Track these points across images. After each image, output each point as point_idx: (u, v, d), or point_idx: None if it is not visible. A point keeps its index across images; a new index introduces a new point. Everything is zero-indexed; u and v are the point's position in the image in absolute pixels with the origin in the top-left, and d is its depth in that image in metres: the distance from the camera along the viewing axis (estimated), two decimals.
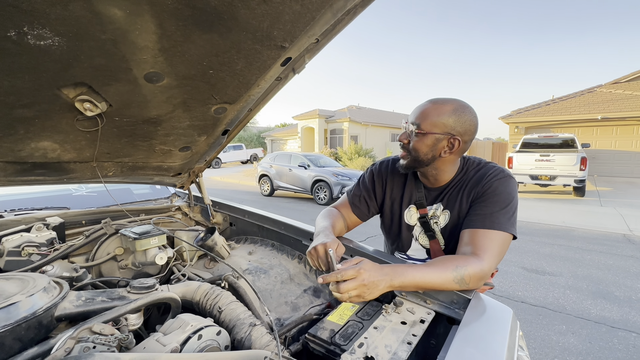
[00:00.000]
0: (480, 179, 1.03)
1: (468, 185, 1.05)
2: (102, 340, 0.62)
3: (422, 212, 1.13)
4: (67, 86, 0.81)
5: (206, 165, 1.62)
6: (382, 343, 0.72)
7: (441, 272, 0.85)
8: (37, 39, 0.65)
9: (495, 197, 0.98)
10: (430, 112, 0.99)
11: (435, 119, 0.98)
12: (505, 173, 1.03)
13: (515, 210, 0.99)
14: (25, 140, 0.94)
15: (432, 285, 0.84)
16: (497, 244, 0.92)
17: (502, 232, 0.93)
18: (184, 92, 0.96)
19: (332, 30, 0.92)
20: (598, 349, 2.41)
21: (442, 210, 1.10)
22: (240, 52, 0.84)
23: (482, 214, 0.97)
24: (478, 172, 1.06)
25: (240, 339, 0.80)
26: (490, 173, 1.03)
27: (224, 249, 1.36)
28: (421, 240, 1.17)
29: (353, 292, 0.75)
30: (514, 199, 0.99)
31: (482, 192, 1.01)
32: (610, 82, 14.35)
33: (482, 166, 1.08)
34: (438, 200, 1.11)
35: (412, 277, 0.82)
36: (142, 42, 0.74)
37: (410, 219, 1.17)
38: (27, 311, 0.69)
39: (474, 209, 1.00)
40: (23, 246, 1.06)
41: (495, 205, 0.97)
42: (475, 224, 0.96)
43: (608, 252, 4.55)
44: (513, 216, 0.97)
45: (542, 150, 9.07)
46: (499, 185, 1.00)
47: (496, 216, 0.95)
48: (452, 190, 1.09)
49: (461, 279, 0.85)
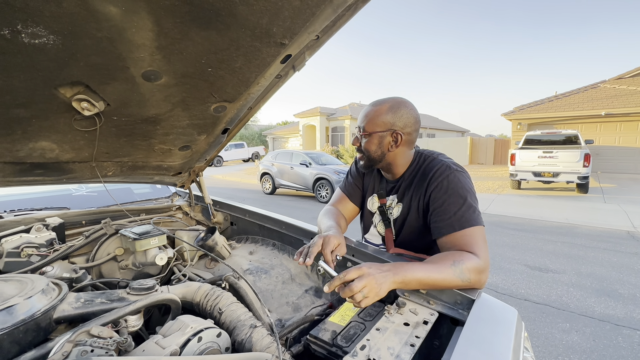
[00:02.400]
0: (427, 175, 1.07)
1: (417, 180, 1.10)
2: (100, 344, 0.61)
3: (382, 201, 1.22)
4: (63, 85, 0.80)
5: (206, 164, 1.61)
6: (385, 345, 0.71)
7: (441, 268, 0.84)
8: (32, 38, 0.64)
9: (450, 197, 0.99)
10: (371, 114, 1.08)
11: (376, 119, 1.07)
12: (452, 169, 1.03)
13: (476, 201, 1.00)
14: (22, 140, 0.93)
15: (434, 280, 0.83)
16: (478, 238, 0.93)
17: (475, 226, 0.95)
18: (182, 91, 0.95)
19: (333, 26, 0.90)
20: (602, 347, 2.39)
21: (396, 203, 1.16)
22: (239, 50, 0.83)
23: (448, 218, 0.97)
24: (426, 167, 1.10)
25: (240, 340, 0.79)
26: (435, 171, 1.04)
27: (224, 249, 1.35)
28: (379, 228, 1.24)
29: (365, 290, 0.74)
30: (469, 190, 1.00)
31: (435, 196, 1.02)
32: (614, 78, 14.23)
33: (429, 161, 1.11)
34: (393, 192, 1.19)
35: (412, 272, 0.82)
36: (139, 40, 0.72)
37: (372, 206, 1.26)
38: (25, 314, 0.68)
39: (436, 214, 1.01)
40: (22, 247, 1.05)
41: (454, 205, 0.98)
42: (447, 229, 0.97)
43: (612, 250, 4.52)
44: (476, 207, 0.99)
45: (545, 146, 9.00)
46: (449, 183, 1.01)
47: (461, 214, 0.96)
48: (404, 183, 1.15)
49: (461, 273, 0.84)
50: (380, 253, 1.09)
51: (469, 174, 1.06)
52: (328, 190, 8.59)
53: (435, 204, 1.01)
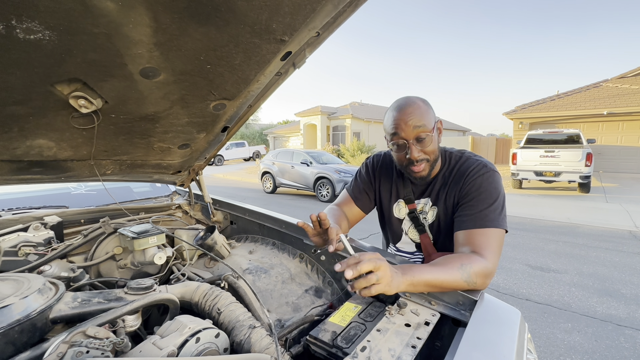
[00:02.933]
0: (463, 174, 1.03)
1: (452, 180, 1.06)
2: (96, 345, 0.60)
3: (411, 207, 1.15)
4: (60, 82, 0.79)
5: (206, 162, 1.60)
6: (386, 347, 0.70)
7: (448, 271, 0.82)
8: (27, 33, 0.63)
9: (481, 194, 0.97)
10: (420, 113, 0.98)
11: (427, 115, 0.99)
12: (488, 167, 1.02)
13: (504, 205, 0.98)
14: (20, 138, 0.92)
15: (441, 283, 0.82)
16: (494, 241, 0.91)
17: (496, 228, 0.93)
18: (181, 88, 0.94)
19: (334, 22, 0.89)
20: (604, 347, 2.38)
21: (431, 207, 1.11)
22: (239, 46, 0.82)
23: (472, 214, 0.96)
24: (461, 166, 1.06)
25: (239, 341, 0.78)
26: (472, 169, 1.02)
27: (224, 248, 1.34)
28: (411, 235, 1.18)
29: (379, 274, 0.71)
30: (500, 193, 0.98)
31: (467, 191, 1.00)
32: (616, 77, 14.16)
33: (464, 160, 1.08)
34: (425, 194, 1.13)
35: (420, 274, 0.80)
36: (136, 36, 0.71)
37: (399, 212, 1.19)
38: (20, 314, 0.67)
39: (462, 209, 0.99)
40: (20, 246, 1.04)
41: (483, 203, 0.96)
42: (467, 224, 0.95)
43: (614, 249, 4.50)
44: (503, 211, 0.97)
45: (546, 146, 8.97)
46: (483, 181, 0.99)
47: (486, 213, 0.94)
48: (437, 185, 1.10)
49: (468, 276, 0.83)
50: (382, 252, 1.07)
51: (501, 175, 1.04)
52: (329, 189, 8.58)
53: (465, 199, 1.00)
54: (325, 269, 1.23)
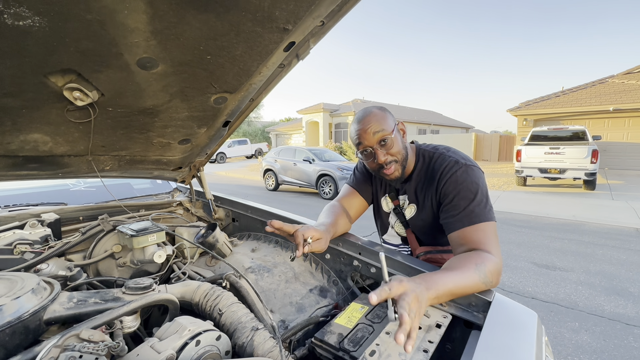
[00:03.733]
0: (436, 172, 1.03)
1: (426, 178, 1.07)
2: (90, 349, 0.57)
3: (395, 203, 1.19)
4: (54, 73, 0.75)
5: (207, 158, 1.57)
6: (396, 350, 0.66)
7: (466, 274, 0.78)
8: (15, 19, 0.59)
9: (460, 192, 0.96)
10: (375, 120, 1.02)
11: (383, 120, 1.02)
12: (461, 163, 1.00)
13: (486, 196, 0.96)
14: (13, 132, 0.89)
15: (463, 290, 0.78)
16: (490, 234, 0.90)
17: (487, 222, 0.91)
18: (180, 80, 0.90)
19: (339, 11, 0.85)
20: (613, 347, 2.33)
21: (408, 204, 1.14)
22: (240, 35, 0.77)
23: (458, 213, 0.94)
24: (434, 164, 1.06)
25: (241, 344, 0.75)
26: (444, 167, 1.01)
27: (225, 246, 1.30)
28: (397, 229, 1.22)
29: (414, 310, 0.62)
30: (480, 186, 0.96)
31: (445, 192, 0.99)
32: (622, 73, 13.98)
33: (436, 158, 1.07)
34: (402, 192, 1.16)
35: (443, 284, 0.74)
36: (132, 24, 0.67)
37: (387, 206, 1.24)
38: (11, 315, 0.64)
39: (447, 210, 0.98)
40: (15, 244, 1.01)
41: (465, 200, 0.94)
42: (457, 224, 0.94)
43: (621, 247, 4.44)
44: (488, 203, 0.95)
45: (551, 142, 8.86)
46: (458, 178, 0.97)
47: (471, 209, 0.93)
48: (412, 183, 1.12)
49: (485, 276, 0.79)
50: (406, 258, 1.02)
51: (479, 168, 1.02)
52: (331, 186, 8.54)
53: (446, 200, 0.99)
54: (330, 267, 1.20)
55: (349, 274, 1.13)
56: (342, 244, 1.15)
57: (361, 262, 1.08)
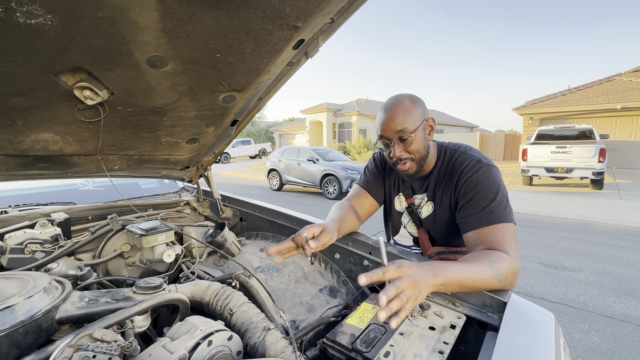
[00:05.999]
0: (456, 171, 1.01)
1: (446, 176, 1.05)
2: (103, 349, 0.56)
3: (409, 201, 1.16)
4: (64, 72, 0.75)
5: (215, 158, 1.56)
6: (411, 352, 0.65)
7: (479, 268, 0.77)
8: (27, 17, 0.59)
9: (480, 191, 0.94)
10: (403, 113, 0.98)
11: (411, 115, 0.98)
12: (483, 163, 0.98)
13: (507, 198, 0.94)
14: (24, 131, 0.89)
15: (473, 282, 0.76)
16: (509, 236, 0.88)
17: (506, 223, 0.89)
18: (189, 79, 0.89)
19: (349, 8, 0.84)
20: (624, 348, 2.30)
21: (426, 202, 1.12)
22: (250, 33, 0.77)
23: (477, 212, 0.92)
24: (455, 162, 1.04)
25: (253, 344, 0.74)
26: (465, 166, 0.99)
27: (234, 246, 1.30)
28: (409, 228, 1.19)
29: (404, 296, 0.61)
30: (500, 186, 0.94)
31: (464, 190, 0.97)
32: (630, 70, 13.79)
33: (457, 156, 1.05)
34: (422, 190, 1.13)
35: (452, 272, 0.73)
36: (142, 21, 0.67)
37: (400, 205, 1.21)
38: (25, 314, 0.64)
39: (465, 209, 0.96)
40: (26, 243, 1.02)
41: (484, 200, 0.92)
42: (475, 224, 0.92)
43: (630, 247, 4.37)
44: (508, 205, 0.93)
45: (558, 141, 8.77)
46: (480, 177, 0.95)
47: (491, 209, 0.91)
48: (432, 181, 1.09)
49: (499, 274, 0.77)
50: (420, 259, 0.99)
51: (499, 169, 1.00)
52: (335, 186, 8.53)
53: (464, 199, 0.96)
54: (340, 267, 1.19)
55: (359, 274, 1.12)
56: (351, 243, 1.14)
57: (371, 262, 1.07)
